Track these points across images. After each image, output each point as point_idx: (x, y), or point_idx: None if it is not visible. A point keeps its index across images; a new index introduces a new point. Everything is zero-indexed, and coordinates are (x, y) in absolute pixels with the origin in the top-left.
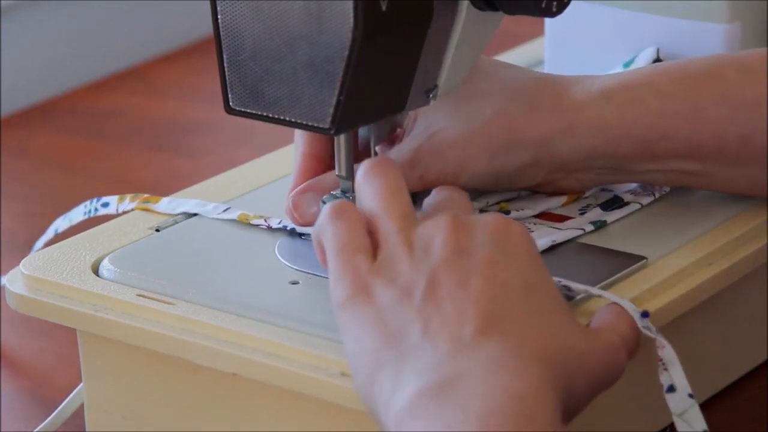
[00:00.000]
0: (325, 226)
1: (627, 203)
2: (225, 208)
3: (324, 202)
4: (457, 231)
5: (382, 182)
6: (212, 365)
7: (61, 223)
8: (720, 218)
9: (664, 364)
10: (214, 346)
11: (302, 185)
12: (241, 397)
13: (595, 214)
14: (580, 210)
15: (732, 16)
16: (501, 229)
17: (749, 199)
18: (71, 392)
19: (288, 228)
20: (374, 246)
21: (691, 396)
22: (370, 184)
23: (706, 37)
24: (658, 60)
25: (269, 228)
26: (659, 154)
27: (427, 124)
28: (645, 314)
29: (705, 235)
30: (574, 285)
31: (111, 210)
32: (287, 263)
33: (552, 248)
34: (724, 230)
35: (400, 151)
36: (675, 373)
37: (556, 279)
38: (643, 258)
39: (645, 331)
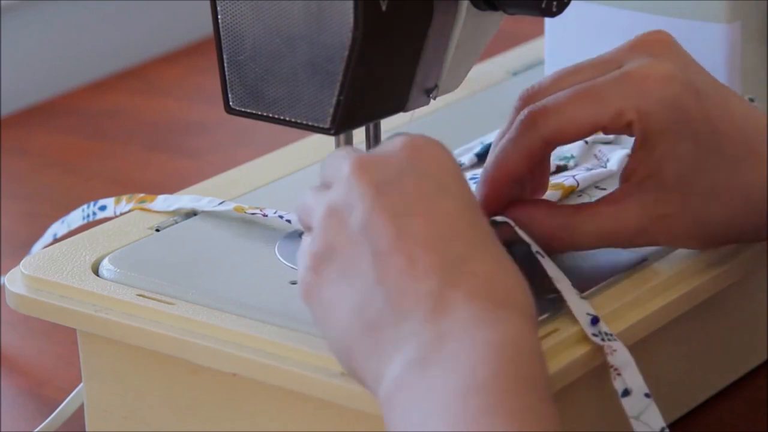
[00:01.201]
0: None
1: None
2: (220, 201)
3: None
4: (364, 168)
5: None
6: (212, 365)
7: (59, 228)
8: None
9: (616, 369)
10: (214, 346)
11: None
12: (241, 397)
13: None
14: None
15: (732, 16)
16: (416, 150)
17: None
18: (71, 392)
19: (285, 219)
20: None
21: (647, 395)
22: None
23: (706, 37)
24: None
25: (264, 216)
26: None
27: (654, 200)
28: (595, 320)
29: None
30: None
31: (109, 213)
32: (287, 263)
33: None
34: None
35: (620, 222)
36: (629, 375)
37: None
38: (643, 258)
39: (593, 339)
